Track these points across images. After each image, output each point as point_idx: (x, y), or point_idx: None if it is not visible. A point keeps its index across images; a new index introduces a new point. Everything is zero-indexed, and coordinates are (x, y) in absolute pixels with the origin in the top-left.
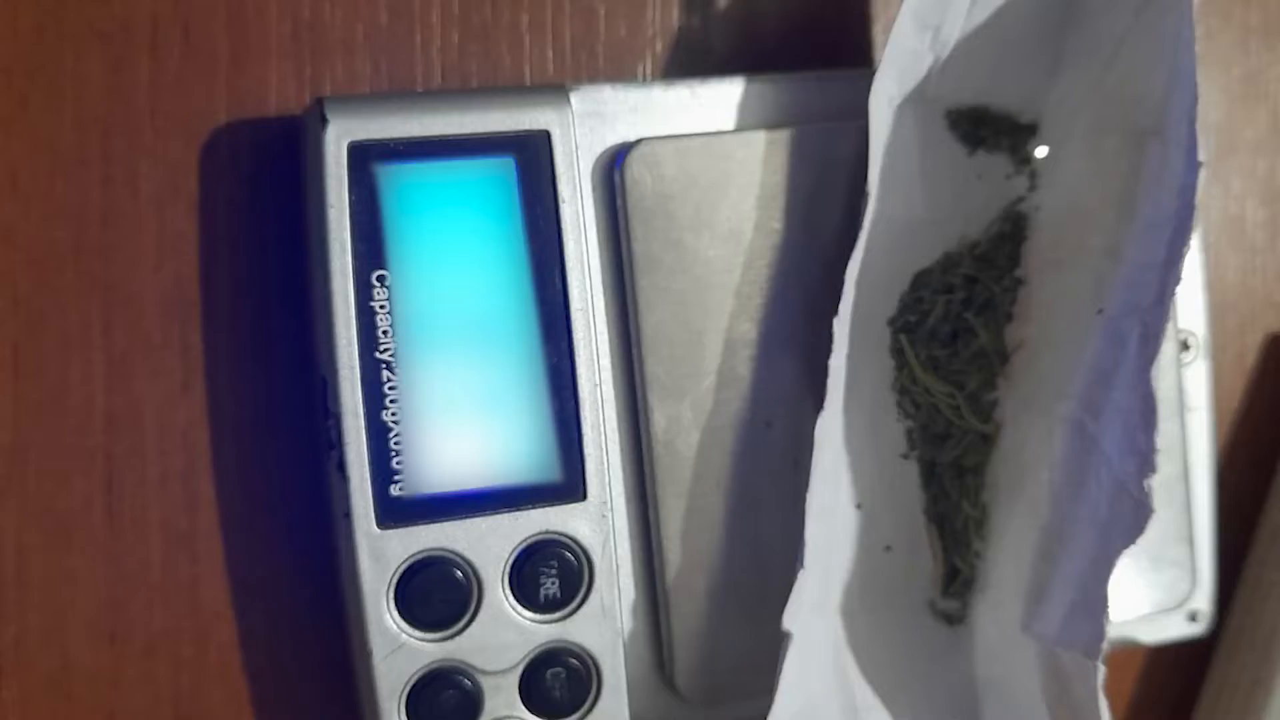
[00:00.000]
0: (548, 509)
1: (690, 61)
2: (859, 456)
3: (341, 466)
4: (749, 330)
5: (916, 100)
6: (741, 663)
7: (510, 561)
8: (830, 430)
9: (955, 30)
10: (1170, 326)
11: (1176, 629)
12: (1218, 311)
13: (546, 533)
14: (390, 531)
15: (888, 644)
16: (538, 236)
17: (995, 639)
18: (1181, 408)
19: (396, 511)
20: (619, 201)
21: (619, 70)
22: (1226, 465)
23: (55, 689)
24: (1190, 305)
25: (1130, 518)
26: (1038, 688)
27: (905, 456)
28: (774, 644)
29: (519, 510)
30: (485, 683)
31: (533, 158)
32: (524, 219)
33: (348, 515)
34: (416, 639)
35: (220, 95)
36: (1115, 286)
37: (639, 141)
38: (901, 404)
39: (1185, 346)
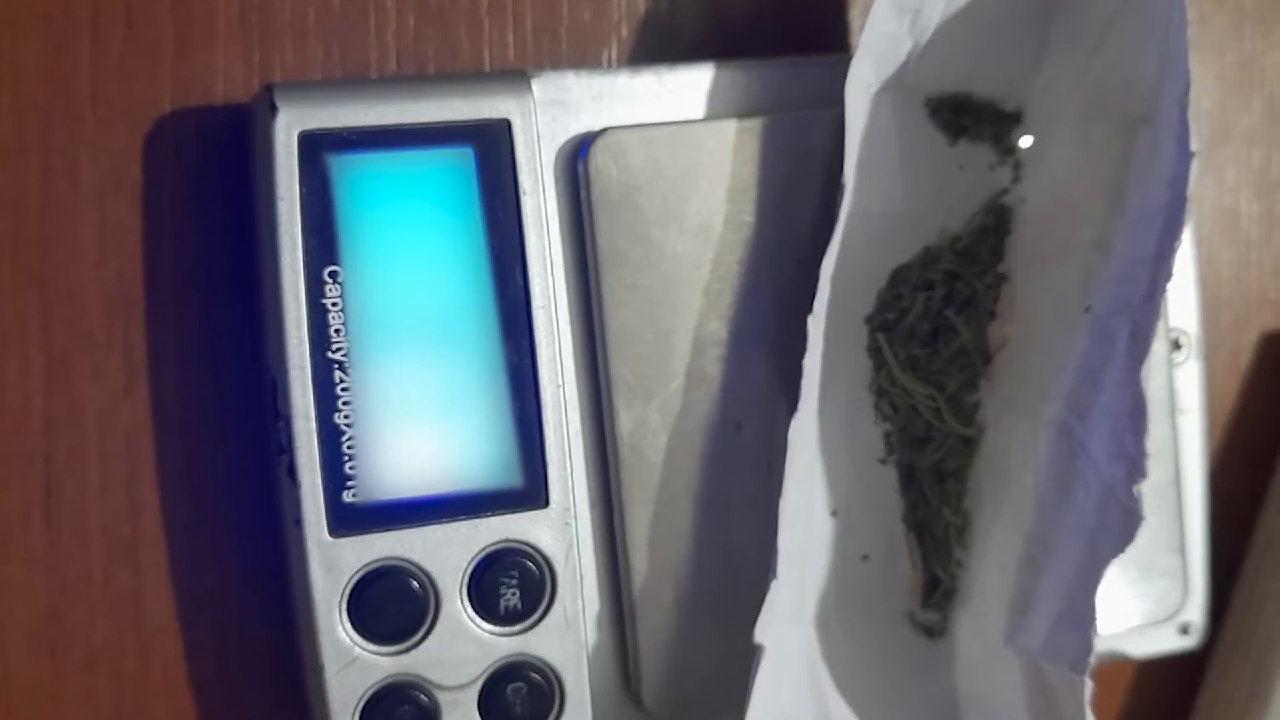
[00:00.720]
0: (508, 516)
1: (658, 47)
2: (834, 461)
3: (292, 472)
4: (719, 329)
5: (895, 87)
6: (711, 677)
7: (469, 571)
8: (804, 433)
9: (936, 14)
10: (1161, 324)
11: (1167, 642)
12: (1211, 309)
13: (507, 541)
14: (343, 540)
15: (865, 658)
16: (497, 230)
17: (977, 652)
18: (1173, 410)
19: (349, 519)
20: (583, 194)
21: (583, 56)
22: (1220, 470)
23: None
24: (1182, 302)
25: (1119, 525)
26: (1022, 703)
27: (883, 461)
28: (745, 657)
29: (478, 518)
30: (443, 698)
31: (492, 148)
32: (483, 212)
33: (298, 523)
34: (370, 652)
35: (165, 81)
36: (1103, 282)
37: (604, 131)
38: (879, 406)
39: (1177, 345)
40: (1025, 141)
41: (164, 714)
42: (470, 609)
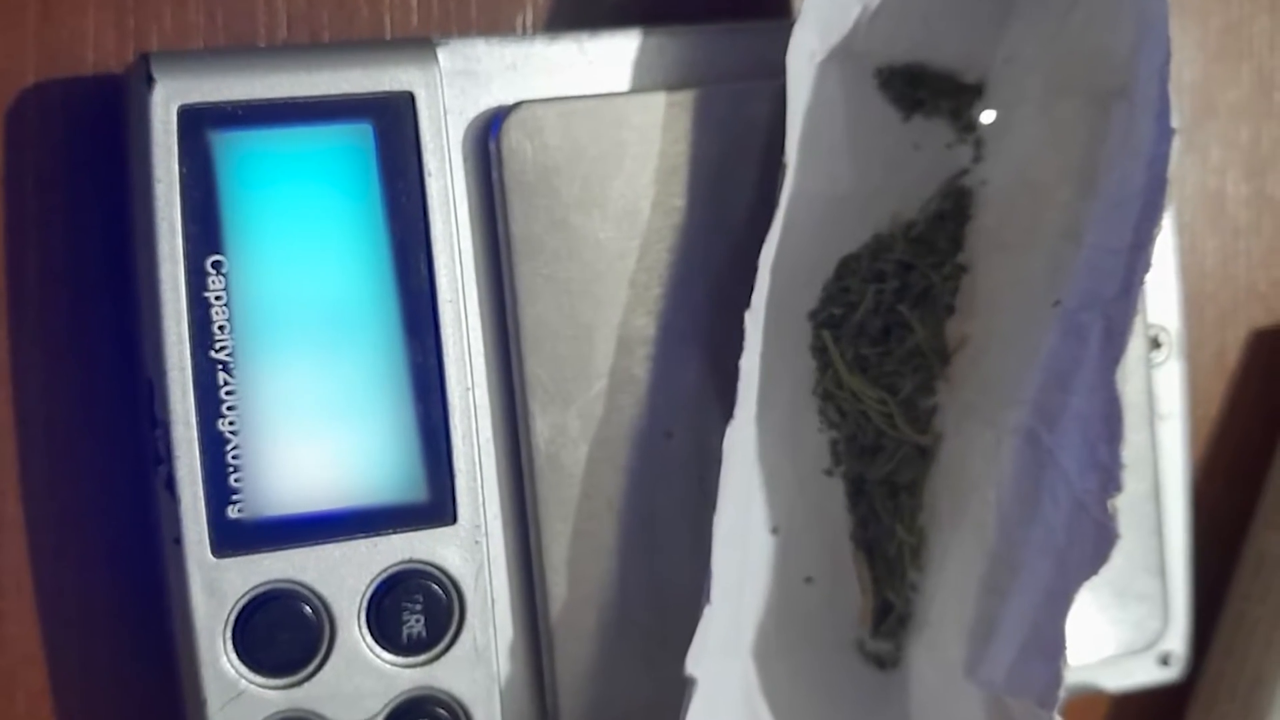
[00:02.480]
0: (411, 534)
1: (578, 11)
2: (775, 473)
3: (170, 484)
4: (646, 325)
5: (842, 56)
6: (637, 713)
7: (367, 595)
8: (741, 442)
9: None
10: (1138, 321)
11: (1145, 674)
12: (1194, 303)
13: (410, 562)
14: (227, 560)
15: (809, 691)
16: (399, 216)
17: (934, 685)
18: (1151, 415)
19: (235, 537)
20: (494, 175)
21: (494, 22)
22: (1204, 482)
23: None
24: (1162, 295)
25: (1091, 544)
26: None
27: (829, 472)
28: (675, 691)
29: (377, 536)
30: None
31: (394, 124)
32: (383, 195)
33: (178, 541)
34: (258, 685)
35: (28, 51)
36: (1074, 274)
37: (518, 105)
38: (825, 411)
39: (1156, 344)
40: (987, 117)
41: None
42: (369, 637)
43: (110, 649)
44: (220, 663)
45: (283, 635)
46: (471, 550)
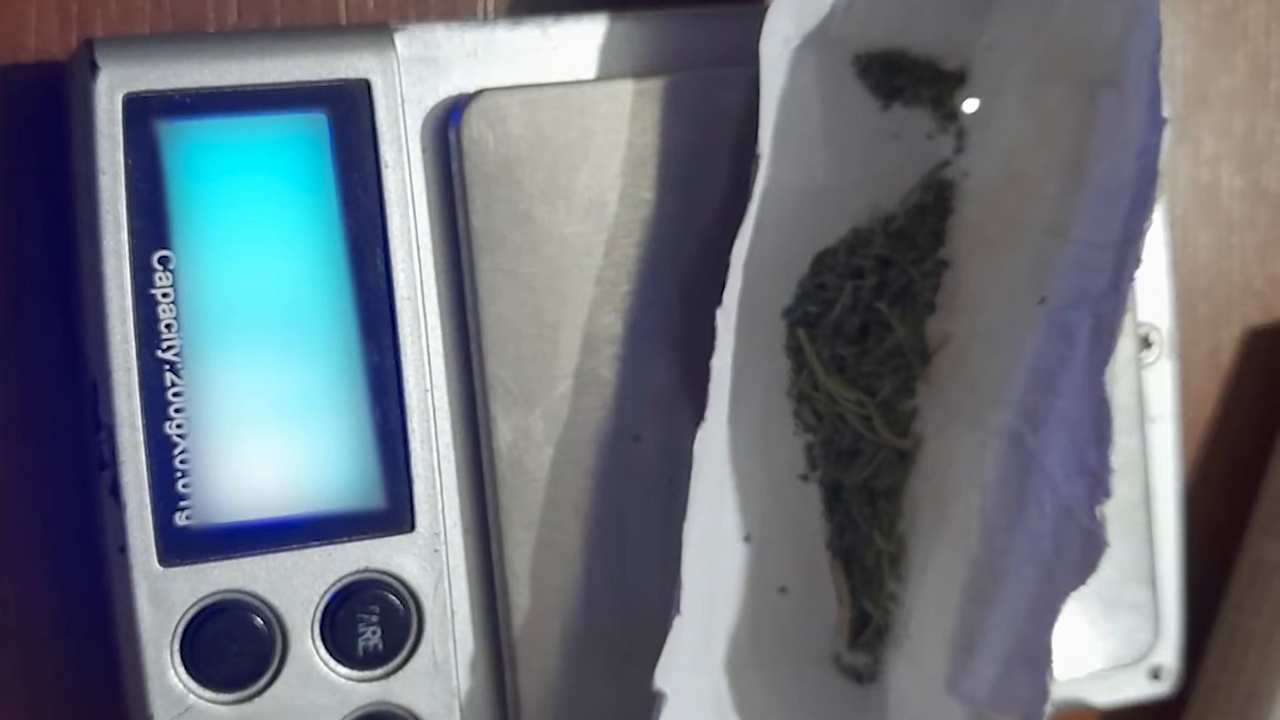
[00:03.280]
0: (367, 542)
1: None
2: (747, 478)
3: (115, 490)
4: (613, 324)
5: (818, 42)
6: None
7: (321, 606)
8: (712, 446)
9: None
10: (1128, 319)
11: (1136, 688)
12: (1186, 300)
13: (366, 571)
14: (175, 570)
15: (783, 706)
16: (355, 209)
17: (914, 700)
18: (1142, 417)
19: (183, 545)
20: (454, 166)
21: (454, 7)
22: (1197, 488)
23: None
24: (1152, 292)
25: (1079, 552)
26: None
27: (804, 478)
28: (644, 706)
29: (332, 544)
30: None
31: (349, 113)
32: (339, 188)
33: (123, 549)
34: (207, 701)
35: None
36: (1061, 270)
37: (479, 93)
38: (800, 414)
39: (1147, 343)
40: (969, 106)
41: None
42: (323, 650)
43: (52, 662)
44: (167, 677)
45: (233, 648)
46: (430, 559)
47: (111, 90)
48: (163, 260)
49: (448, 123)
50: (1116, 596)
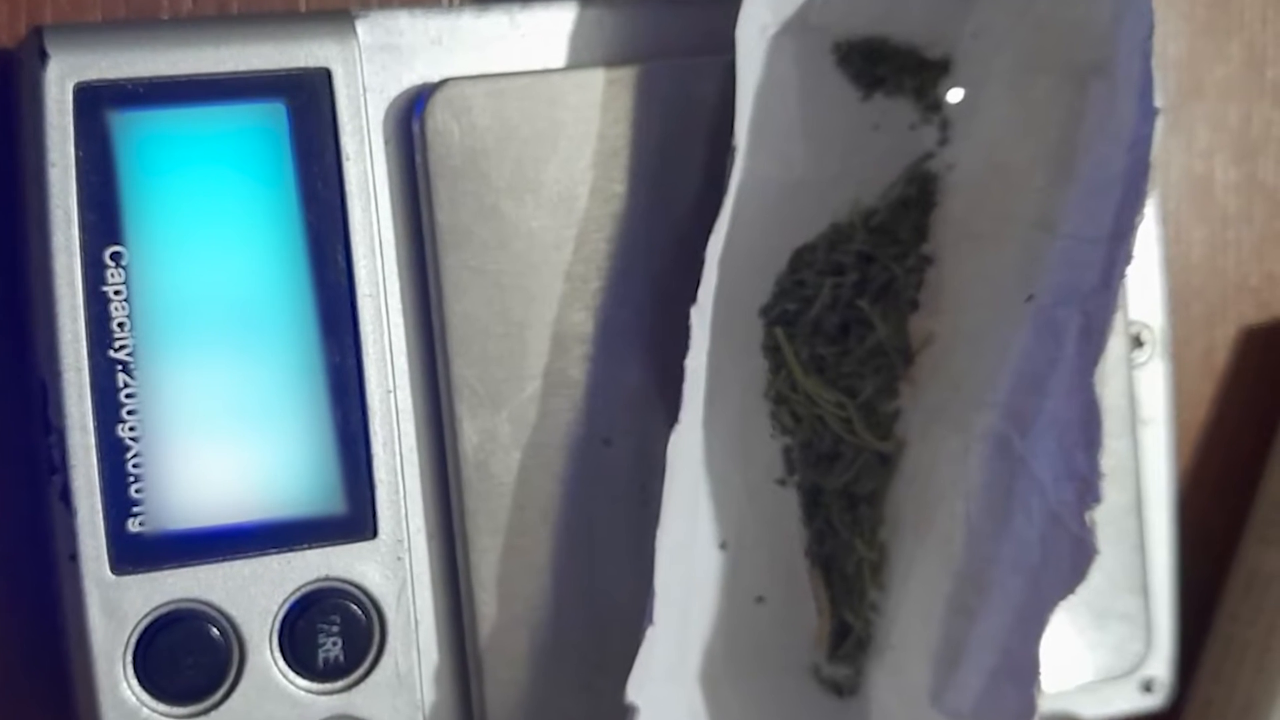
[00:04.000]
0: (328, 549)
1: None
2: (723, 483)
3: (66, 495)
4: (583, 322)
5: (797, 29)
6: None
7: (280, 616)
8: (686, 449)
9: None
10: (1119, 317)
11: (1127, 701)
12: (1179, 298)
13: (326, 579)
14: (128, 578)
15: (760, 719)
16: (315, 203)
17: (896, 714)
18: (1133, 420)
19: (136, 552)
20: (419, 159)
21: None
22: (1190, 493)
23: None
24: (1144, 290)
25: (1068, 560)
26: None
27: (782, 482)
28: None
29: (291, 551)
30: None
31: (309, 103)
32: (298, 181)
33: (74, 557)
34: (161, 714)
35: None
36: (1049, 266)
37: (444, 82)
38: (777, 416)
39: (1138, 342)
40: (954, 96)
41: None
42: (282, 662)
43: (0, 673)
44: (120, 689)
45: (188, 660)
46: (393, 567)
47: (62, 79)
48: (115, 256)
49: (411, 113)
50: (1107, 606)
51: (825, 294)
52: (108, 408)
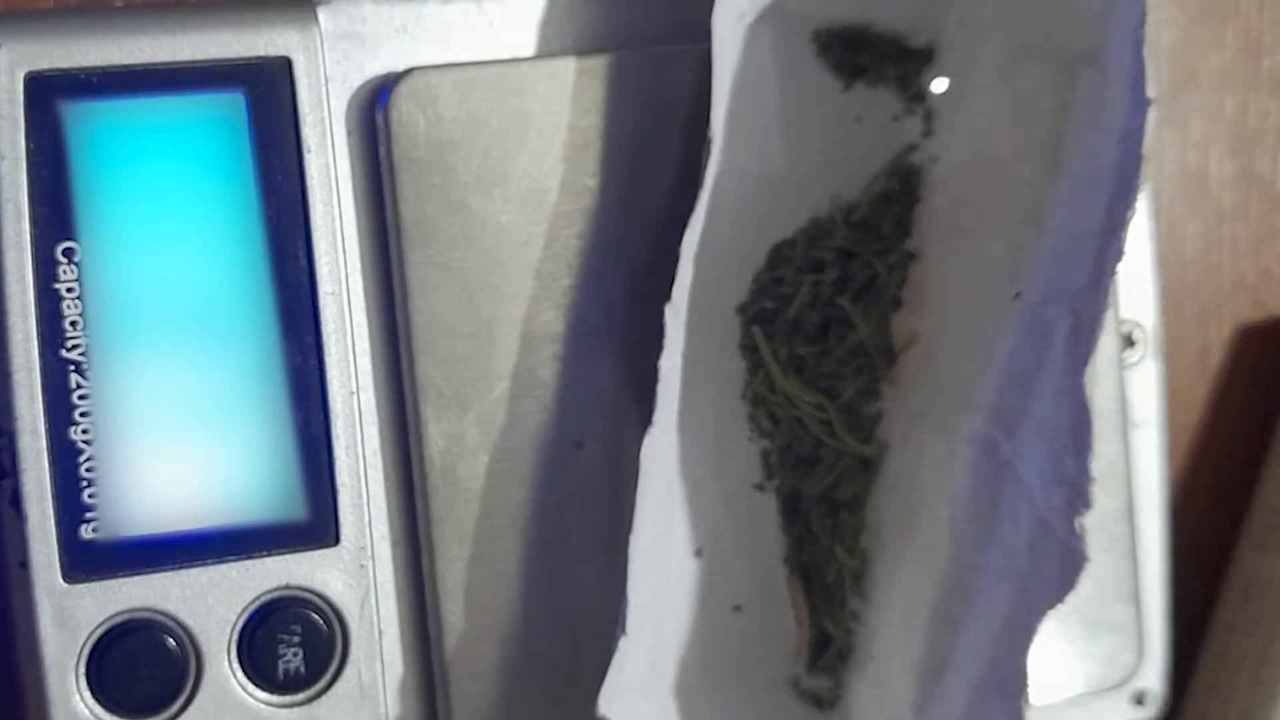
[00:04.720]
0: (288, 557)
1: None
2: (699, 488)
3: (16, 501)
4: (554, 321)
5: (775, 16)
6: None
7: (238, 626)
8: (660, 453)
9: None
10: (1109, 316)
11: (1118, 714)
12: (1172, 296)
13: (286, 588)
14: (81, 586)
15: None
16: (275, 197)
17: None
18: (1125, 422)
19: (89, 560)
20: (382, 151)
21: None
22: (1184, 498)
23: None
24: (1136, 288)
25: (1056, 568)
26: None
27: (760, 487)
28: None
29: (250, 558)
30: None
31: (268, 93)
32: (257, 174)
33: (25, 564)
34: None
35: None
36: (1037, 263)
37: (408, 72)
38: (755, 418)
39: (1130, 342)
40: (938, 86)
41: None
42: (240, 674)
43: None
44: (72, 702)
45: (143, 671)
46: (356, 575)
47: (12, 69)
48: (67, 252)
49: (375, 104)
50: (1097, 616)
51: (805, 291)
52: (60, 410)
